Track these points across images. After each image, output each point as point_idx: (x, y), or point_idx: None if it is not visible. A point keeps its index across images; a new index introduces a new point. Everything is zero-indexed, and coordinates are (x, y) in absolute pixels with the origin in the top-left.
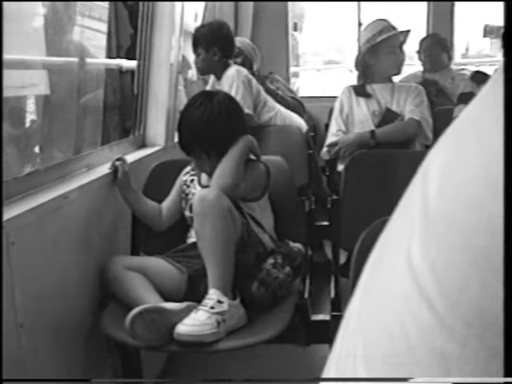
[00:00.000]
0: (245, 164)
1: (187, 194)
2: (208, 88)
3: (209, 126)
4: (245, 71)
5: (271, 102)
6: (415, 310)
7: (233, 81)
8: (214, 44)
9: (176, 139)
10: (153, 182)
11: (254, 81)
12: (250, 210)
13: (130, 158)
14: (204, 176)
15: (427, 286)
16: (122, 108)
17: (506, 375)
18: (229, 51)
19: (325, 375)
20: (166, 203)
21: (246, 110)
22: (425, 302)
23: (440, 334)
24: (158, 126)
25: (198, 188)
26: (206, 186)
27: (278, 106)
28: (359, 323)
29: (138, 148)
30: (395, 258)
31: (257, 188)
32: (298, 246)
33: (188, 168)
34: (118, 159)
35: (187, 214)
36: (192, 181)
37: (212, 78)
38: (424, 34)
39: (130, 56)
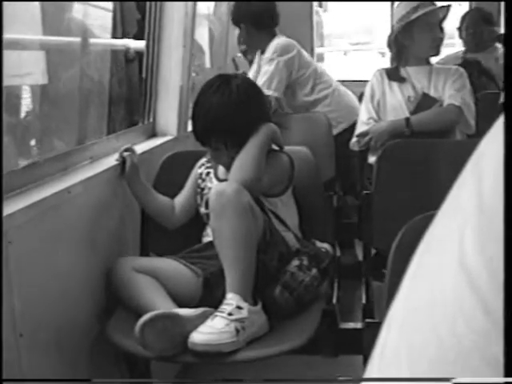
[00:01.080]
0: (266, 155)
1: (203, 189)
2: (254, 66)
3: (226, 113)
4: (291, 44)
5: (328, 77)
6: (469, 313)
7: (272, 57)
8: (253, 16)
9: (190, 128)
10: (164, 175)
11: (304, 54)
12: (272, 206)
13: (139, 148)
14: (221, 168)
15: (483, 286)
16: (130, 97)
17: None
18: (270, 21)
19: None
20: (179, 198)
21: (273, 93)
22: (480, 303)
23: (496, 340)
24: (169, 113)
25: (215, 182)
26: (224, 180)
27: (337, 83)
28: (403, 328)
29: (148, 138)
30: (444, 256)
31: (280, 182)
32: (325, 245)
33: (203, 160)
34: (125, 150)
35: (203, 210)
36: (208, 174)
37: (257, 54)
38: (466, 9)
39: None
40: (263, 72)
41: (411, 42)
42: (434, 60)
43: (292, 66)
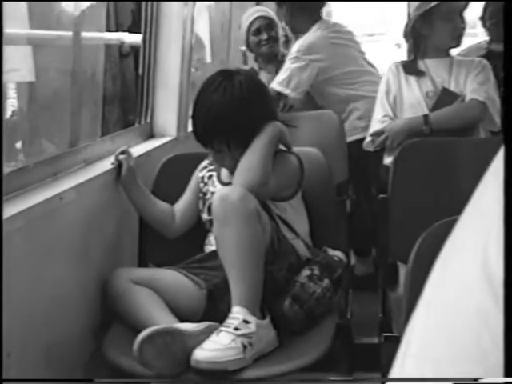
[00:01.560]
0: (273, 156)
1: (205, 194)
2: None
3: (229, 112)
4: (322, 44)
5: (371, 77)
6: (494, 328)
7: (297, 55)
8: None
9: (190, 128)
10: (163, 180)
11: (344, 52)
12: (280, 212)
13: (136, 150)
14: (224, 171)
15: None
16: (124, 95)
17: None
18: (315, 1)
19: None
20: (180, 204)
21: (290, 93)
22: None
23: None
24: (168, 112)
25: (218, 186)
26: (228, 184)
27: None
28: (425, 342)
29: (145, 139)
30: (467, 265)
31: (288, 185)
32: (338, 254)
33: (205, 162)
34: (121, 152)
35: (205, 216)
36: (210, 177)
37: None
38: None
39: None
40: (284, 68)
41: (430, 31)
42: (454, 52)
43: (319, 67)
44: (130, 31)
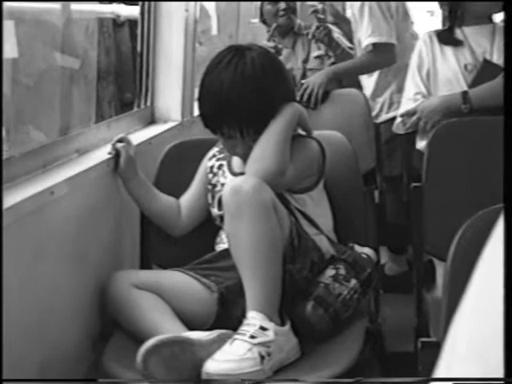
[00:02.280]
0: (291, 142)
1: (214, 186)
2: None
3: (241, 93)
4: None
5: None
6: None
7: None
8: None
9: (196, 112)
10: (167, 170)
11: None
12: (300, 205)
13: (136, 138)
14: (236, 160)
15: None
16: (119, 70)
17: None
18: None
19: None
20: (186, 198)
21: (388, 39)
22: None
23: None
24: (171, 94)
25: (229, 176)
26: (240, 174)
27: None
28: (475, 343)
29: (146, 125)
30: None
31: (308, 174)
32: (366, 251)
33: (214, 150)
34: (119, 140)
35: (215, 211)
36: (220, 167)
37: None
38: None
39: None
40: (365, 22)
41: None
42: (497, 17)
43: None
44: (126, 2)
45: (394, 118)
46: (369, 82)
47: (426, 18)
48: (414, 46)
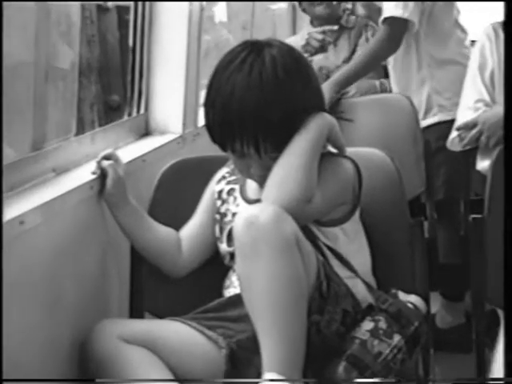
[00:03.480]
0: (319, 161)
1: (224, 215)
2: None
3: (258, 99)
4: None
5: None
6: None
7: None
8: None
9: (202, 122)
10: (165, 195)
11: None
12: (330, 241)
13: (126, 153)
14: (251, 184)
15: None
16: (105, 67)
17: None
18: None
19: None
20: (189, 231)
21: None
22: None
23: None
24: (169, 99)
25: (242, 204)
26: (256, 201)
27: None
28: None
29: (139, 137)
30: None
31: (341, 202)
32: (413, 299)
33: (224, 171)
34: (106, 157)
35: (224, 247)
36: (231, 192)
37: None
38: None
39: None
40: None
41: None
42: None
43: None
44: None
45: (432, 126)
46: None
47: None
48: (463, 39)
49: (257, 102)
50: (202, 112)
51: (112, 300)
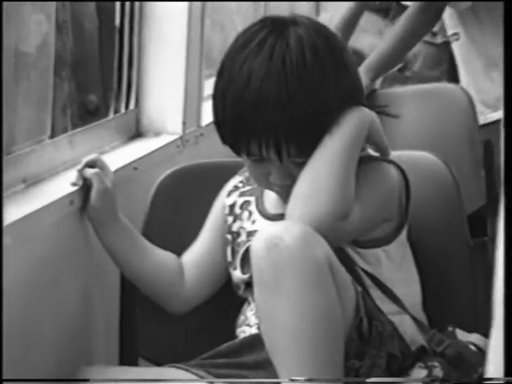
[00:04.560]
0: (357, 168)
1: (237, 235)
2: None
3: (281, 90)
4: None
5: None
6: None
7: None
8: None
9: (207, 119)
10: (162, 211)
11: None
12: (370, 266)
13: (114, 160)
14: (271, 196)
15: None
16: (80, 60)
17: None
18: None
19: None
20: (193, 255)
21: None
22: None
23: None
24: (166, 91)
25: (261, 221)
26: (277, 217)
27: None
28: None
29: (128, 139)
30: None
31: (384, 218)
32: (475, 339)
33: (236, 180)
34: (89, 164)
35: (238, 275)
36: (245, 206)
37: None
38: None
39: None
40: None
41: None
42: None
43: None
44: None
45: (497, 122)
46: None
47: None
48: None
49: (279, 94)
50: (207, 107)
51: (98, 341)
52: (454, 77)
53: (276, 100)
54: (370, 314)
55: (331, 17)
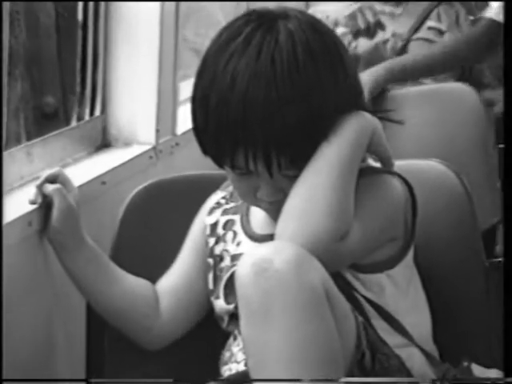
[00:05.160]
0: (357, 179)
1: (219, 258)
2: None
3: (270, 94)
4: None
5: None
6: None
7: None
8: None
9: (185, 127)
10: (134, 232)
11: None
12: (372, 293)
13: (79, 174)
14: (258, 213)
15: None
16: (35, 58)
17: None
18: None
19: None
20: (169, 282)
21: None
22: None
23: None
24: (136, 97)
25: (246, 242)
26: (266, 238)
27: None
28: None
29: (94, 150)
30: None
31: (388, 238)
32: (495, 375)
33: (218, 196)
34: (49, 179)
35: (221, 305)
36: (229, 226)
37: None
38: None
39: None
40: None
41: None
42: None
43: None
44: None
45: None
46: None
47: None
48: None
49: (267, 98)
50: (183, 112)
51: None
52: (463, 79)
53: (264, 104)
54: (372, 347)
55: (327, 18)
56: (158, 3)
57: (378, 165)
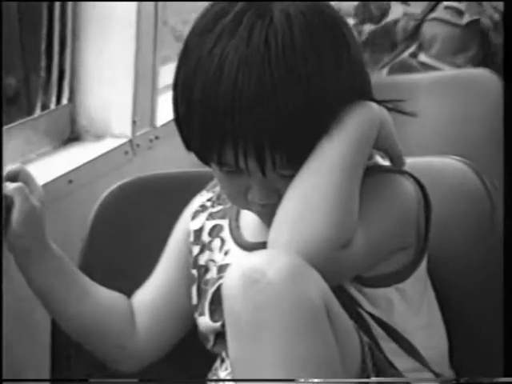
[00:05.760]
0: (362, 180)
1: (205, 270)
2: None
3: (263, 82)
4: None
5: None
6: None
7: None
8: None
9: (163, 119)
10: (106, 237)
11: None
12: (379, 310)
13: (43, 171)
14: (248, 218)
15: None
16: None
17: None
18: None
19: None
20: (147, 296)
21: None
22: None
23: None
24: (109, 84)
25: (235, 250)
26: (260, 246)
27: None
28: None
29: (60, 144)
30: None
31: (398, 247)
32: None
33: (204, 198)
34: (9, 177)
35: (206, 322)
36: (216, 232)
37: None
38: None
39: None
40: None
41: None
42: None
43: None
44: None
45: None
46: None
47: None
48: None
49: (260, 85)
50: (163, 101)
51: None
52: (485, 65)
53: (256, 91)
54: (379, 371)
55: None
56: None
57: (386, 163)
